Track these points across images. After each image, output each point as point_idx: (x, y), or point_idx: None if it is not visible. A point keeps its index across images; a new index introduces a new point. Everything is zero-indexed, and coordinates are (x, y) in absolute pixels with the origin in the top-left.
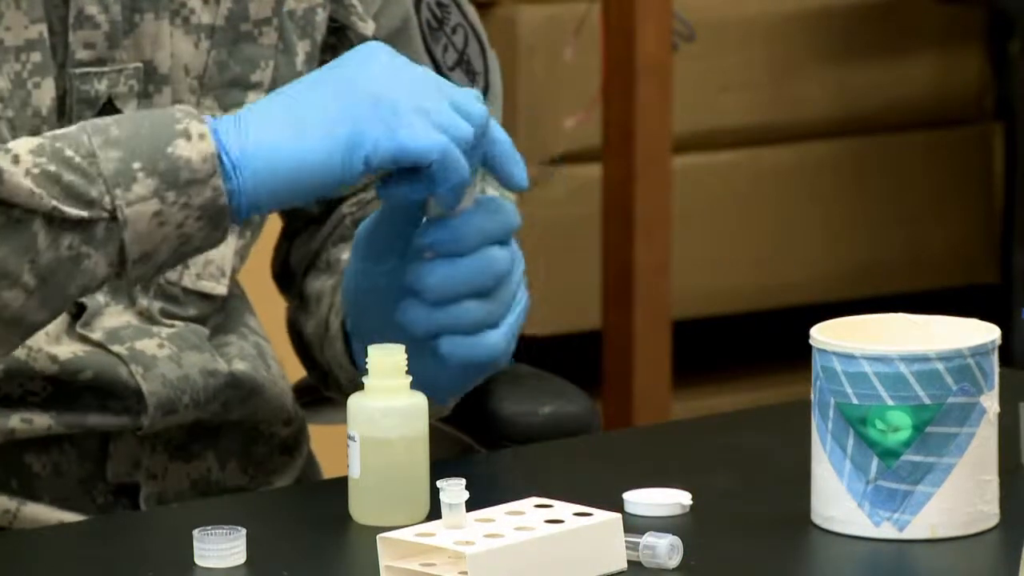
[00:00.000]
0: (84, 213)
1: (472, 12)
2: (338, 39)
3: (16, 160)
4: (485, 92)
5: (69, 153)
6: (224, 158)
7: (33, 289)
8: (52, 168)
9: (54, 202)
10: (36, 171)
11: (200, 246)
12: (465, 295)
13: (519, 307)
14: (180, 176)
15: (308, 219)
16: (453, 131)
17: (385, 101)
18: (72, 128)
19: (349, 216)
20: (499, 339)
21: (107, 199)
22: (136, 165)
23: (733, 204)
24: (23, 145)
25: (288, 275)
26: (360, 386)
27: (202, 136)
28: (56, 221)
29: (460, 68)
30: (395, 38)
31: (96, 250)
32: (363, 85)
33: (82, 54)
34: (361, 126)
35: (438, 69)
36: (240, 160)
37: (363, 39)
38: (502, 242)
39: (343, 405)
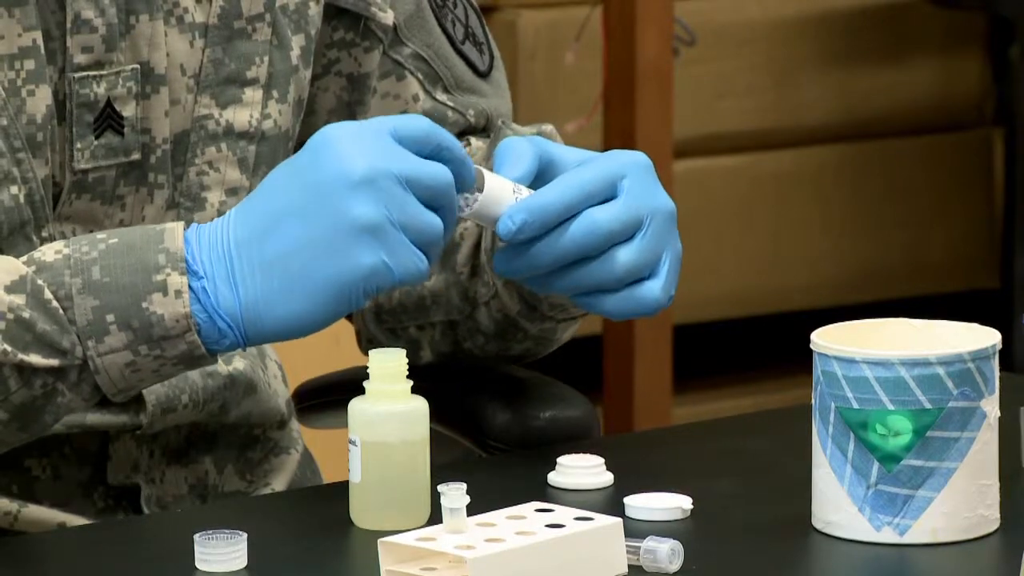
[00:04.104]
0: (55, 362)
1: None
2: (358, 33)
3: None
4: (491, 61)
5: (47, 295)
6: (212, 319)
7: (7, 421)
8: (27, 315)
9: (22, 356)
10: (11, 317)
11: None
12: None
13: (670, 254)
14: (153, 332)
15: None
16: (428, 231)
17: (365, 229)
18: (59, 257)
19: None
20: (657, 289)
21: (79, 349)
22: (110, 318)
23: (734, 209)
24: (5, 273)
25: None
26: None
27: (178, 293)
28: (27, 368)
29: (469, 41)
30: (411, 22)
31: (69, 390)
32: (339, 212)
33: (80, 58)
34: (351, 286)
35: (453, 45)
36: (230, 322)
37: (384, 28)
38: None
39: (344, 409)
